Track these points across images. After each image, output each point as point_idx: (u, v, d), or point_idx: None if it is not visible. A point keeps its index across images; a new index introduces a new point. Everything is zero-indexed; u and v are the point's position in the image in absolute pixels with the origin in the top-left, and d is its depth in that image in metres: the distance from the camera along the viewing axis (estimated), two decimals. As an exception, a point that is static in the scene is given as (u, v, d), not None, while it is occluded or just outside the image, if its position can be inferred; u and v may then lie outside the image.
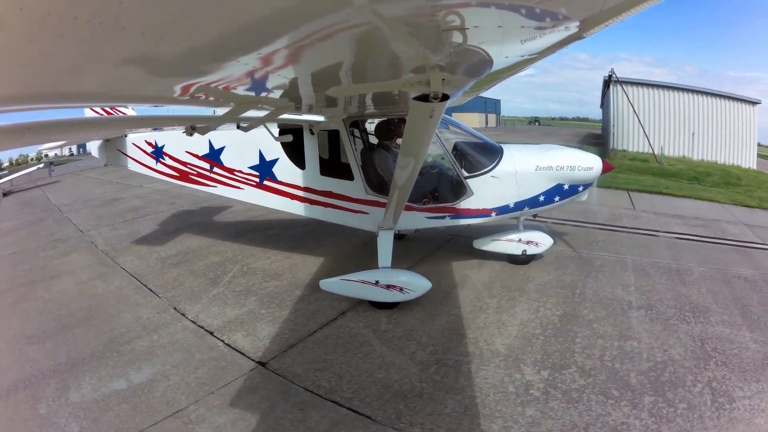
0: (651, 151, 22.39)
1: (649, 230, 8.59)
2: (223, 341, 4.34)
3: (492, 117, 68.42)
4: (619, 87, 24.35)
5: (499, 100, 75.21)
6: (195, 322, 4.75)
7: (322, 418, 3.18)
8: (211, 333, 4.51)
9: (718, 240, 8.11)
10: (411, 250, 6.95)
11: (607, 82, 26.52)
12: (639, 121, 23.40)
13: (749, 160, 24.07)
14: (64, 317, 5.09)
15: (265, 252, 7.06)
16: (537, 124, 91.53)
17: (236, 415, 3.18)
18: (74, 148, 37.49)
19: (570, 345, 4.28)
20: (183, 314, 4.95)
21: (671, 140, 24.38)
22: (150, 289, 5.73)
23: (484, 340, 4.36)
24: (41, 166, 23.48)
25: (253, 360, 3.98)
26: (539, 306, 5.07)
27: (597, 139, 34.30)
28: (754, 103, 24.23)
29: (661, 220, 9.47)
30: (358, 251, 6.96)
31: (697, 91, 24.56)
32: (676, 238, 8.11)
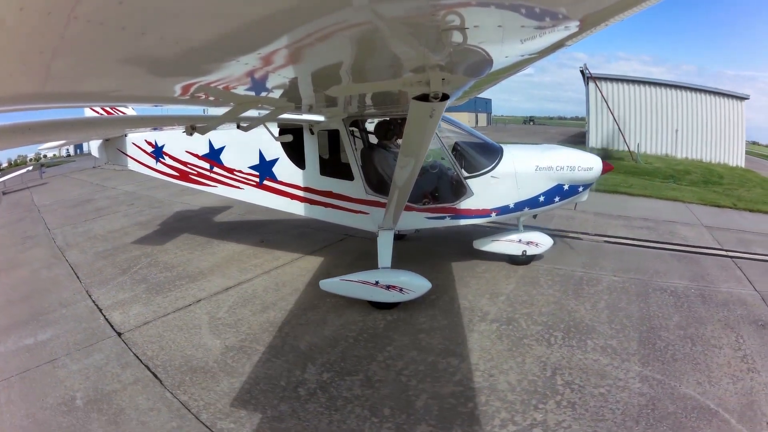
0: (627, 148, 21.57)
1: (574, 233, 7.61)
2: (104, 316, 5.27)
3: (483, 116, 68.23)
4: (593, 83, 23.15)
5: (490, 99, 75.06)
6: (95, 302, 5.71)
7: (131, 375, 4.02)
8: (100, 310, 5.46)
9: (662, 244, 7.12)
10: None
11: (587, 78, 24.75)
12: (614, 117, 22.33)
13: (737, 158, 22.98)
14: (13, 296, 6.22)
15: (176, 248, 7.76)
16: (531, 123, 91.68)
17: (83, 366, 4.21)
18: (71, 149, 37.39)
19: (375, 353, 4.08)
20: (90, 296, 5.94)
21: (653, 138, 23.24)
22: (77, 276, 6.73)
23: (294, 335, 4.54)
24: (30, 168, 23.45)
25: (115, 330, 4.90)
26: (374, 309, 4.94)
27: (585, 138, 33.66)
28: (742, 98, 23.06)
29: (599, 222, 8.39)
30: (252, 247, 7.51)
31: (682, 87, 23.33)
32: (605, 241, 7.23)
